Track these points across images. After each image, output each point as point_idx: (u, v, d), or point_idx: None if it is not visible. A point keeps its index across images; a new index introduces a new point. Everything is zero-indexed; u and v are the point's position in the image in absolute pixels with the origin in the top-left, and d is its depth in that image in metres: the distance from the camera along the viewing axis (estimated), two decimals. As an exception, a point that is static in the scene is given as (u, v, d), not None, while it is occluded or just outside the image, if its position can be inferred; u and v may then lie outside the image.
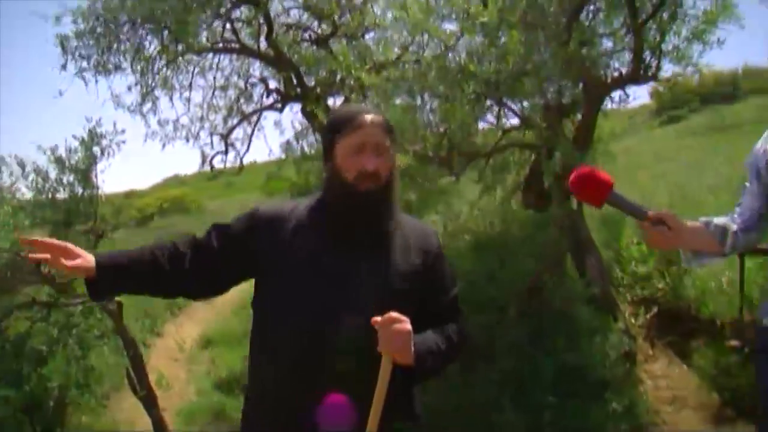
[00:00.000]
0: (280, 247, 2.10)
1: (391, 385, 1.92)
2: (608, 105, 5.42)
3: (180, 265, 2.18)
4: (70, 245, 2.12)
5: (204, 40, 6.31)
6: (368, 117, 2.09)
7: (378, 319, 1.86)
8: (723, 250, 2.27)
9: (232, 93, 7.71)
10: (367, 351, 1.93)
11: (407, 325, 1.88)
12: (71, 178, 5.85)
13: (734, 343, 4.82)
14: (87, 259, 2.09)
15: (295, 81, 6.76)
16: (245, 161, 8.83)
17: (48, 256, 2.11)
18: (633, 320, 5.22)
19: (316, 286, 2.03)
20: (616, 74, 4.96)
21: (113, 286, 2.22)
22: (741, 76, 17.62)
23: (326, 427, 1.91)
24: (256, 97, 7.85)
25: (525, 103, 5.18)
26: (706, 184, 8.42)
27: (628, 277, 5.81)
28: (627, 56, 4.93)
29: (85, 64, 6.53)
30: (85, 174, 5.84)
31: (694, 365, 5.05)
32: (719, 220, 2.26)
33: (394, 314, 1.86)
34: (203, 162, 8.02)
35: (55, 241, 2.13)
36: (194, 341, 10.02)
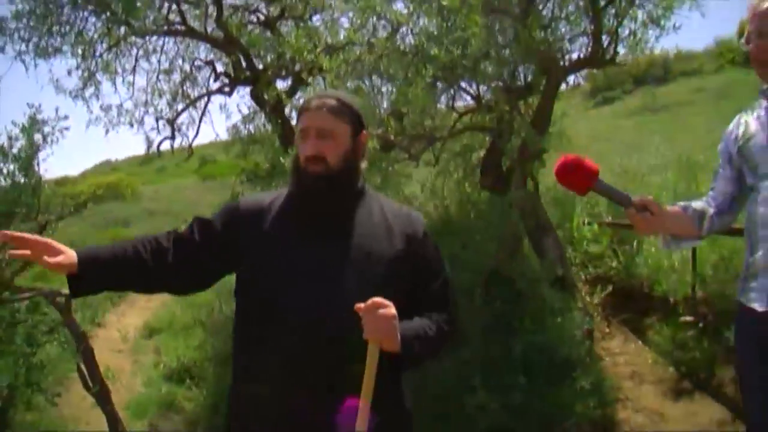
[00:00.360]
0: (260, 240, 2.09)
1: (378, 375, 1.88)
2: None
3: (163, 260, 2.15)
4: (51, 241, 2.06)
5: (149, 22, 6.09)
6: (315, 101, 2.09)
7: (361, 305, 1.83)
8: (700, 233, 2.36)
9: (177, 77, 7.52)
10: (353, 340, 1.90)
11: (392, 310, 1.84)
12: (11, 167, 5.59)
13: (688, 318, 4.97)
14: (69, 255, 2.04)
15: (244, 64, 6.62)
16: (178, 145, 8.61)
17: (29, 252, 2.04)
18: (588, 299, 5.29)
19: (295, 279, 2.00)
20: (574, 57, 5.01)
21: (95, 283, 2.14)
22: (672, 59, 18.07)
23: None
24: (201, 81, 7.70)
25: (481, 86, 5.18)
26: (648, 164, 8.60)
27: (580, 257, 5.90)
28: (585, 40, 4.99)
29: (24, 47, 6.25)
30: (27, 162, 5.60)
31: (650, 341, 5.18)
32: (697, 204, 2.34)
33: (377, 299, 1.83)
34: (148, 147, 7.79)
35: (37, 237, 2.07)
36: (137, 331, 9.82)
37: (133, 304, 11.44)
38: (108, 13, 6.45)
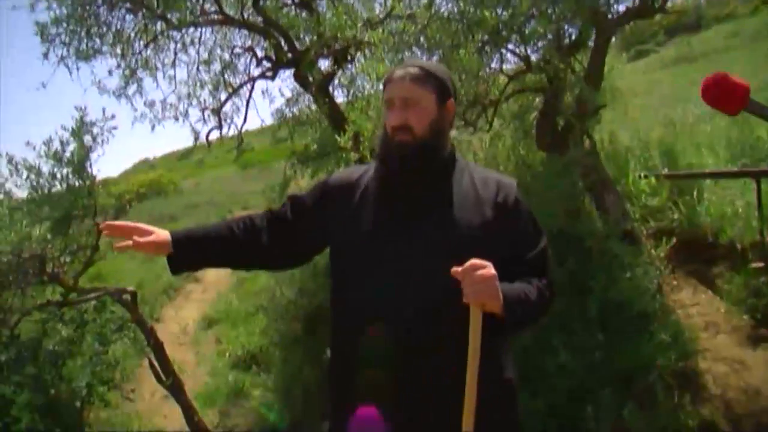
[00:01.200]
0: (348, 217, 2.11)
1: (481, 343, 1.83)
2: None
3: (257, 238, 2.21)
4: (140, 225, 2.17)
5: (186, 14, 6.11)
6: (399, 71, 2.09)
7: (458, 268, 1.79)
8: None
9: (217, 66, 7.54)
10: (448, 312, 1.90)
11: (491, 270, 1.80)
12: (65, 172, 5.66)
13: (759, 264, 4.89)
14: (159, 235, 2.14)
15: (285, 47, 6.61)
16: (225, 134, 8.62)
17: (130, 242, 2.09)
18: (654, 252, 5.22)
19: (383, 254, 2.00)
20: (623, 9, 4.92)
21: (192, 260, 2.24)
22: (704, 6, 17.71)
23: None
24: (242, 68, 7.71)
25: (529, 47, 5.11)
26: (693, 114, 8.47)
27: (640, 211, 5.82)
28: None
29: (65, 51, 6.32)
30: (80, 165, 5.66)
31: (720, 290, 5.10)
32: None
33: (475, 260, 1.79)
34: (196, 139, 7.84)
35: (128, 223, 2.13)
36: (196, 323, 9.97)
37: (189, 296, 11.61)
38: (144, 10, 6.48)
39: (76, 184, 5.64)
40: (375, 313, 1.94)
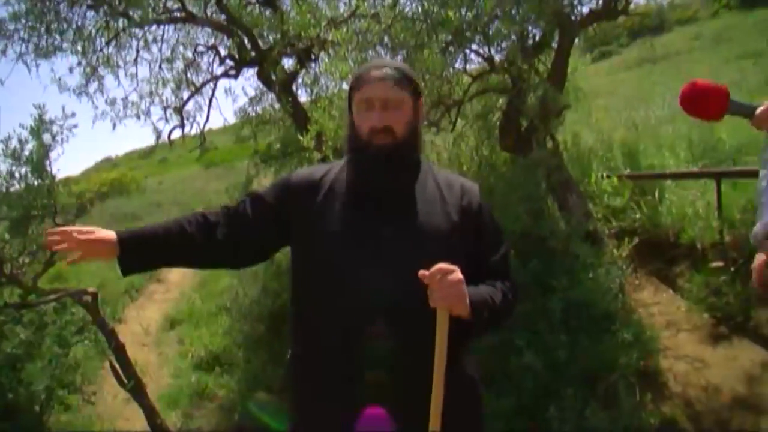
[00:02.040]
0: (311, 215, 2.06)
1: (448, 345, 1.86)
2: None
3: (211, 234, 2.16)
4: (84, 227, 2.08)
5: (149, 12, 6.03)
6: (377, 72, 2.05)
7: (425, 272, 1.78)
8: None
9: (179, 64, 7.46)
10: (415, 314, 1.88)
11: (458, 274, 1.80)
12: (24, 170, 5.54)
13: (718, 264, 4.96)
14: (104, 237, 2.06)
15: (248, 45, 6.55)
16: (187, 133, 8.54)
17: (79, 252, 2.05)
18: (616, 252, 5.27)
19: (352, 254, 1.97)
20: (586, 11, 4.96)
21: (141, 260, 2.16)
22: (667, 8, 17.93)
23: None
24: (205, 67, 7.64)
25: (493, 48, 5.12)
26: (656, 115, 8.58)
27: (603, 211, 5.88)
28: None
29: (24, 47, 6.19)
30: (39, 164, 5.55)
31: (681, 289, 5.17)
32: None
33: (443, 265, 1.79)
34: (158, 138, 7.74)
35: (71, 227, 2.09)
36: (158, 323, 9.85)
37: (151, 297, 11.48)
38: (105, 7, 6.37)
39: (35, 183, 5.53)
40: (366, 313, 1.91)
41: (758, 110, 2.10)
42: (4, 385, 5.43)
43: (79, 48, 6.64)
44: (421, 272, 1.79)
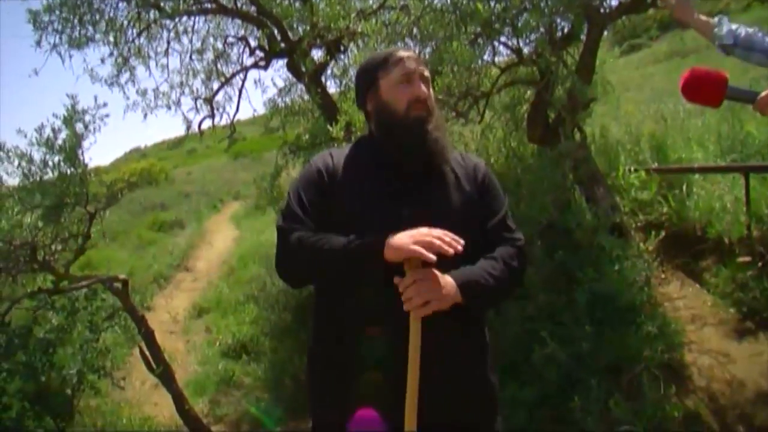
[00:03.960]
0: (337, 199, 2.09)
1: (461, 346, 2.03)
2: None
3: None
4: None
5: (179, 3, 6.10)
6: (404, 52, 2.17)
7: (400, 279, 1.88)
8: None
9: (209, 55, 7.55)
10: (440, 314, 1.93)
11: (429, 273, 1.89)
12: (56, 159, 5.64)
13: (746, 258, 4.93)
14: None
15: (278, 36, 6.60)
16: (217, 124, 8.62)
17: None
18: (642, 245, 5.26)
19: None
20: (615, 3, 4.95)
21: None
22: (698, 1, 17.71)
23: None
24: (235, 58, 7.72)
25: (521, 40, 5.13)
26: (685, 108, 8.50)
27: (630, 204, 5.86)
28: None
29: (58, 39, 6.30)
30: (72, 153, 5.64)
31: (707, 284, 5.14)
32: None
33: (416, 271, 1.88)
34: (188, 128, 7.83)
35: None
36: (186, 312, 9.99)
37: (179, 285, 11.64)
38: (138, -2, 6.46)
39: (68, 172, 5.62)
40: (374, 313, 1.95)
41: (760, 95, 2.12)
42: (37, 369, 5.54)
43: (111, 39, 6.76)
44: (396, 279, 1.88)
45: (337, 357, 2.04)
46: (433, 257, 1.83)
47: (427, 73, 2.15)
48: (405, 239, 1.86)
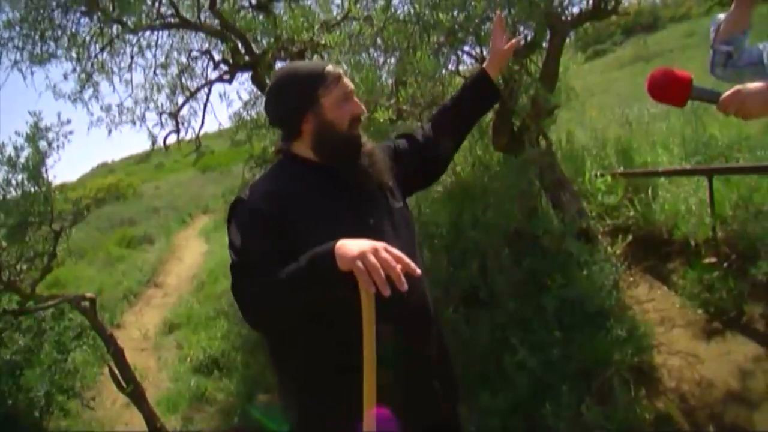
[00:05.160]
0: (298, 223, 2.00)
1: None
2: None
3: None
4: None
5: (142, 18, 6.06)
6: (337, 68, 2.16)
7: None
8: None
9: (173, 70, 7.51)
10: (427, 303, 2.07)
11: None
12: (20, 178, 5.58)
13: (711, 260, 4.99)
14: None
15: (242, 50, 6.59)
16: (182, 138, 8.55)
17: None
18: (610, 249, 5.31)
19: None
20: (576, 11, 5.00)
21: None
22: (660, 6, 18.05)
23: None
24: (199, 71, 7.69)
25: (485, 49, 5.15)
26: (649, 113, 8.61)
27: (596, 209, 5.92)
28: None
29: (19, 55, 6.22)
30: (35, 171, 5.58)
31: (675, 286, 5.20)
32: None
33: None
34: (153, 143, 7.77)
35: None
36: (157, 328, 9.90)
37: (149, 302, 11.53)
38: (99, 13, 6.40)
39: (32, 190, 5.58)
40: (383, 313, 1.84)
41: (723, 95, 2.15)
42: (4, 392, 5.48)
43: (74, 54, 6.68)
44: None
45: (339, 385, 1.93)
46: (372, 290, 1.68)
47: (353, 87, 2.17)
48: (353, 250, 1.71)
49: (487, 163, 5.79)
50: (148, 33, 7.01)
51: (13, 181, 5.54)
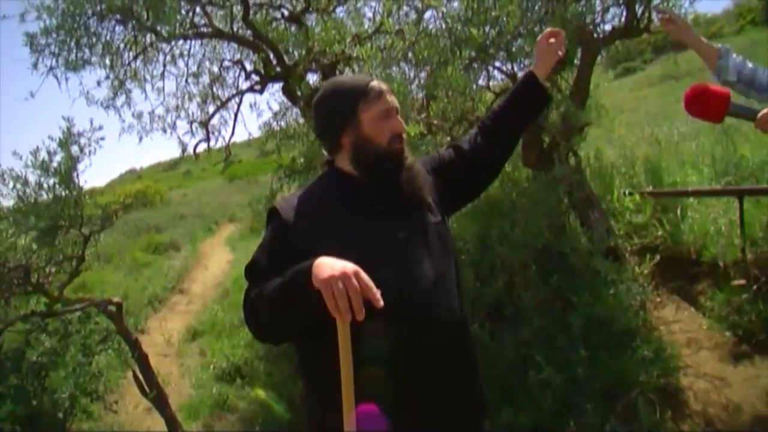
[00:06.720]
0: (325, 237, 1.97)
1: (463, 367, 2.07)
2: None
3: None
4: None
5: (176, 27, 6.12)
6: (381, 84, 2.14)
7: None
8: None
9: (205, 79, 7.59)
10: (458, 318, 2.05)
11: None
12: (52, 181, 5.64)
13: (740, 282, 4.94)
14: None
15: (274, 61, 6.64)
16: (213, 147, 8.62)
17: None
18: (637, 269, 5.27)
19: (372, 259, 1.86)
20: (608, 29, 4.99)
21: None
22: (692, 25, 17.88)
23: None
24: (230, 81, 7.76)
25: (515, 65, 5.16)
26: (679, 132, 8.55)
27: (624, 228, 5.88)
28: (617, 11, 4.97)
29: (54, 61, 6.31)
30: (67, 176, 5.65)
31: (702, 307, 5.14)
32: None
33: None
34: (183, 151, 7.85)
35: None
36: (180, 335, 9.92)
37: (174, 308, 11.58)
38: (134, 22, 6.47)
39: (63, 194, 5.63)
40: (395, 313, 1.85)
41: (761, 113, 2.15)
42: (29, 392, 5.52)
43: (107, 62, 6.75)
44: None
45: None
46: (336, 315, 1.69)
47: (397, 104, 2.15)
48: (324, 272, 1.71)
49: (516, 179, 5.79)
50: (181, 42, 7.08)
51: (45, 185, 5.59)
